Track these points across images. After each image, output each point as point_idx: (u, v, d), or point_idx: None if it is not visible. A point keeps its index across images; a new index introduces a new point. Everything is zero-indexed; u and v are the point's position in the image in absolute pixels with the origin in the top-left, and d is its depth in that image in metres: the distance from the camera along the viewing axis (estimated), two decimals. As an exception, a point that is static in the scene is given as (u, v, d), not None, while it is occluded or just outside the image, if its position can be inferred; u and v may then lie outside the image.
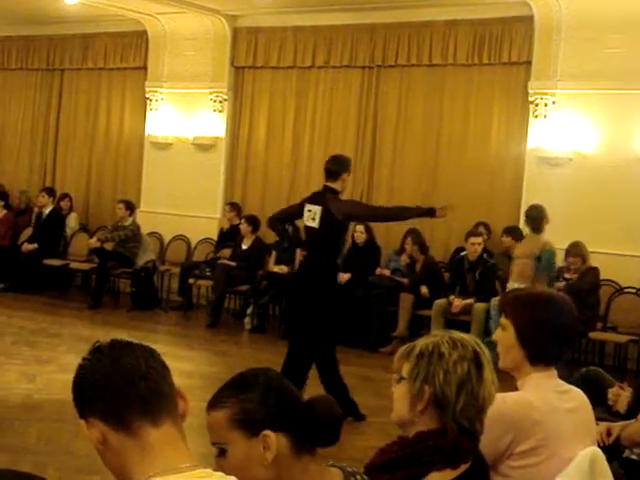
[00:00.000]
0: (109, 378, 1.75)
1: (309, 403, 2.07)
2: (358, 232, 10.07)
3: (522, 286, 7.66)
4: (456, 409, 2.24)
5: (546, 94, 9.77)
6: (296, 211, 6.81)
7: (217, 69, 11.98)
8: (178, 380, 1.87)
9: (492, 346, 2.81)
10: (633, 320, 8.92)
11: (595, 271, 8.85)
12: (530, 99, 9.90)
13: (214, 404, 2.05)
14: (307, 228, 6.58)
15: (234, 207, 11.57)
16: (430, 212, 6.52)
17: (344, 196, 6.82)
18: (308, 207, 6.49)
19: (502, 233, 9.74)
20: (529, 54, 9.99)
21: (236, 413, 2.00)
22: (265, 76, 11.87)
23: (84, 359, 1.80)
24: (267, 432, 1.97)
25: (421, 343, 2.33)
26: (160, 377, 1.78)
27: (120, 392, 1.73)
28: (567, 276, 8.83)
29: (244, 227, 10.92)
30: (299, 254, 9.44)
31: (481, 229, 9.86)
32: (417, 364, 2.29)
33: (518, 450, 2.65)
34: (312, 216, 6.42)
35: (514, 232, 9.53)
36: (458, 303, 9.25)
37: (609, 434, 3.79)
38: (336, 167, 6.52)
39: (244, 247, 10.92)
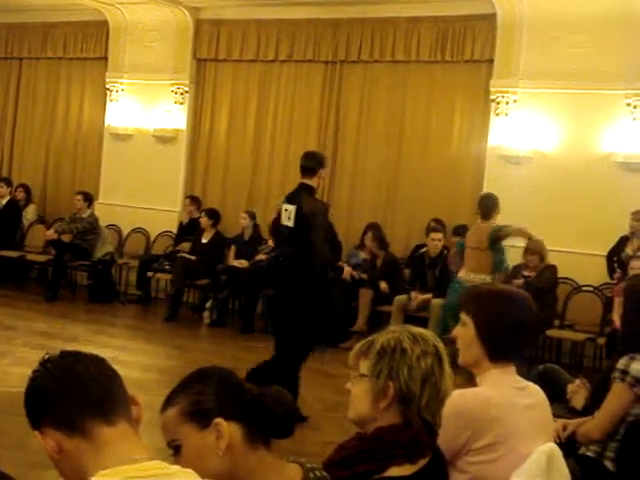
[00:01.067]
0: (60, 386, 1.76)
1: (260, 394, 2.06)
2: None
3: (486, 277, 7.73)
4: (421, 404, 2.24)
5: (507, 92, 9.83)
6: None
7: (179, 61, 11.88)
8: (135, 374, 1.85)
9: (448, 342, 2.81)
10: (590, 318, 9.01)
11: (553, 269, 8.92)
12: (492, 97, 9.95)
13: (166, 404, 2.05)
14: (284, 228, 6.48)
15: (194, 200, 11.50)
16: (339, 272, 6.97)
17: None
18: (285, 206, 6.44)
19: (452, 233, 9.78)
20: (491, 52, 10.03)
21: (187, 406, 2.00)
22: (227, 69, 11.80)
23: (34, 372, 1.82)
24: (218, 420, 1.97)
25: (381, 339, 2.31)
26: (111, 381, 1.81)
27: (71, 398, 1.75)
28: (525, 273, 8.89)
29: (204, 220, 10.85)
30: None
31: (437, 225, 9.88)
32: (379, 361, 2.28)
33: (476, 446, 2.65)
34: (288, 215, 6.36)
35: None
36: (415, 297, 9.28)
37: (565, 429, 3.82)
38: (312, 163, 6.46)
39: (204, 241, 10.85)
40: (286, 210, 6.41)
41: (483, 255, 7.93)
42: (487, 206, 8.05)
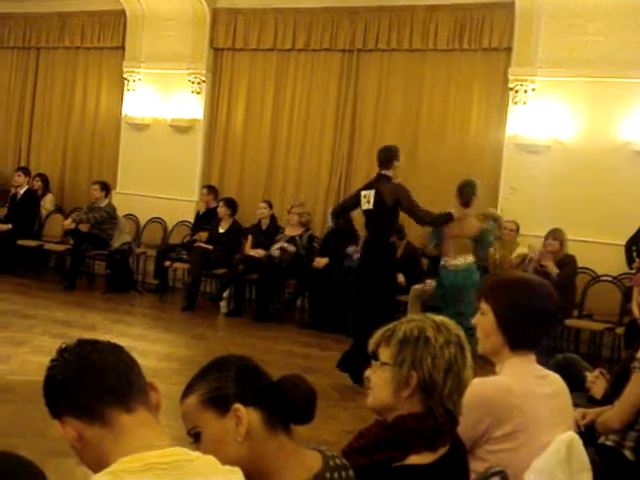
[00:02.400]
0: (78, 374, 1.77)
1: (279, 380, 2.06)
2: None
3: (469, 258, 7.83)
4: (443, 393, 2.23)
5: (526, 81, 9.77)
6: (354, 200, 7.45)
7: (196, 50, 11.87)
8: (154, 363, 1.87)
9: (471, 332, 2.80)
10: (609, 308, 8.96)
11: (572, 260, 8.89)
12: (510, 86, 9.89)
13: (186, 392, 2.06)
14: (364, 213, 7.26)
15: (211, 190, 11.50)
16: (449, 216, 7.45)
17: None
18: (363, 193, 7.16)
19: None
20: (510, 40, 9.97)
21: (206, 393, 2.00)
22: (244, 58, 11.78)
23: (52, 361, 1.83)
24: (237, 405, 1.97)
25: (403, 328, 2.30)
26: (129, 368, 1.81)
27: (90, 386, 1.76)
28: (542, 263, 8.83)
29: (222, 210, 10.85)
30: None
31: None
32: (402, 349, 2.27)
33: (496, 434, 2.64)
34: (367, 200, 7.09)
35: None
36: (429, 283, 9.22)
37: (584, 418, 3.80)
38: (388, 156, 7.18)
39: (221, 230, 10.86)
40: (364, 196, 7.13)
41: (465, 241, 7.96)
42: (468, 193, 7.98)
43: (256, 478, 1.96)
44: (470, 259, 7.86)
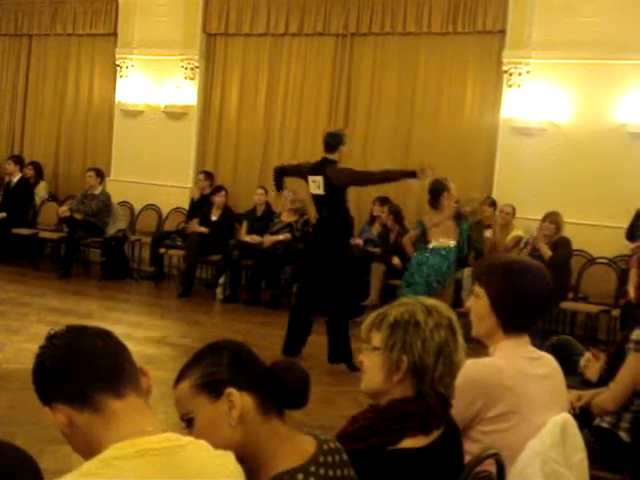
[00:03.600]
0: (67, 360, 1.76)
1: (272, 365, 2.06)
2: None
3: (450, 242, 8.22)
4: (434, 376, 2.24)
5: (520, 63, 9.75)
6: (296, 170, 7.79)
7: (188, 36, 11.82)
8: (150, 350, 1.85)
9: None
10: (604, 290, 8.97)
11: (567, 242, 8.88)
12: (504, 68, 9.87)
13: (179, 377, 2.05)
14: (314, 196, 7.42)
15: (208, 176, 11.43)
16: (412, 174, 7.24)
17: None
18: (311, 178, 7.33)
19: (484, 203, 9.77)
20: (504, 23, 9.94)
21: (199, 377, 2.00)
22: (237, 43, 11.73)
23: (41, 347, 1.82)
24: (230, 390, 1.96)
25: (394, 312, 2.30)
26: (118, 354, 1.80)
27: (80, 372, 1.75)
28: (536, 246, 8.82)
29: (221, 199, 10.81)
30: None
31: None
32: (392, 334, 2.27)
33: (489, 415, 2.64)
34: (317, 185, 7.27)
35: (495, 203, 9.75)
36: None
37: (579, 400, 3.81)
38: (333, 140, 7.38)
39: (213, 218, 10.83)
40: (314, 181, 7.31)
41: (448, 225, 8.32)
42: (436, 192, 8.43)
43: (249, 462, 1.96)
44: (452, 243, 8.28)
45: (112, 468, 1.62)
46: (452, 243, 8.36)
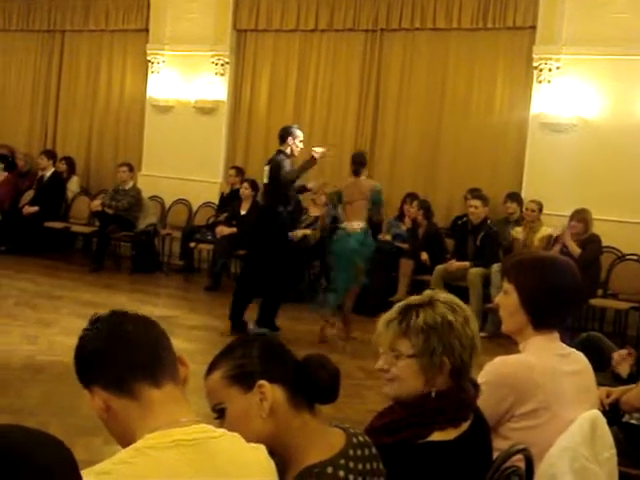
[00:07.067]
0: (108, 346, 1.77)
1: (304, 359, 2.08)
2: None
3: (360, 224, 8.09)
4: (470, 369, 2.26)
5: (550, 59, 9.70)
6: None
7: (219, 32, 11.87)
8: (179, 343, 1.88)
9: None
10: (634, 287, 8.92)
11: (597, 239, 8.83)
12: (534, 64, 9.82)
13: (210, 368, 2.07)
14: (263, 184, 8.28)
15: (239, 171, 11.48)
16: (312, 161, 8.01)
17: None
18: (264, 168, 8.16)
19: (506, 199, 9.74)
20: (534, 19, 9.89)
21: (231, 369, 2.02)
22: (267, 39, 11.77)
23: (84, 330, 1.83)
24: (262, 382, 1.98)
25: (422, 316, 2.29)
26: (158, 343, 1.81)
27: (120, 358, 1.76)
28: (565, 244, 8.77)
29: (247, 192, 10.78)
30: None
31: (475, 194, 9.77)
32: (428, 339, 2.27)
33: (519, 412, 2.65)
34: (265, 174, 8.06)
35: (518, 198, 9.65)
36: (451, 264, 9.27)
37: (608, 397, 3.80)
38: (283, 133, 8.13)
39: (243, 212, 10.86)
40: (265, 171, 8.05)
41: (361, 205, 8.18)
42: (360, 162, 8.29)
43: (279, 455, 1.98)
44: (364, 224, 8.17)
45: (146, 457, 1.64)
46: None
